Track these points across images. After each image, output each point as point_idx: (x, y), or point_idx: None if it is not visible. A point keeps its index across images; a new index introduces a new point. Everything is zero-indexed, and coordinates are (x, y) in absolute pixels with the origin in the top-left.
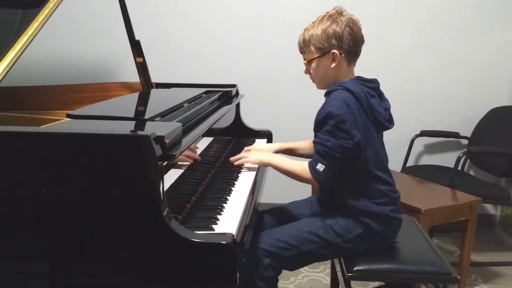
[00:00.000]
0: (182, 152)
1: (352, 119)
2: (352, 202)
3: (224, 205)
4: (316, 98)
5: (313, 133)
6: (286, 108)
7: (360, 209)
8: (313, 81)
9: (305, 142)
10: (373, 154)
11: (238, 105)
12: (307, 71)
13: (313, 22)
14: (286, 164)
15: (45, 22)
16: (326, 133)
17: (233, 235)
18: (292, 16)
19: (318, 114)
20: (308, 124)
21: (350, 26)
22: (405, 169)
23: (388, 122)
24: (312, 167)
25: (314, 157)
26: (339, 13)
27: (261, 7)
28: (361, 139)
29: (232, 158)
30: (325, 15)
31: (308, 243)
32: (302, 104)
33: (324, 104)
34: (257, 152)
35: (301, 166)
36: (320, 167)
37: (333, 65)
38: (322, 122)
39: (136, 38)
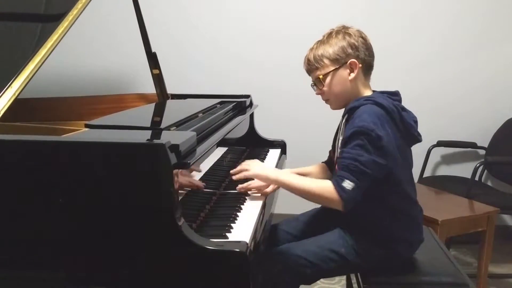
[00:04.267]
0: (197, 160)
1: (387, 136)
2: (377, 225)
3: (238, 213)
4: (329, 110)
5: (326, 147)
6: (300, 119)
7: (387, 234)
8: (327, 101)
9: (315, 167)
10: (406, 171)
11: (252, 116)
12: (320, 91)
13: (319, 41)
14: (299, 183)
15: (63, 35)
16: (358, 147)
17: (247, 243)
18: (306, 30)
19: (347, 131)
20: (321, 136)
21: (362, 37)
22: (422, 180)
23: (418, 135)
24: (337, 184)
25: (340, 173)
26: (346, 27)
27: (276, 21)
28: (397, 158)
29: (232, 171)
30: (331, 32)
31: (328, 261)
32: (316, 115)
33: (351, 120)
34: (260, 165)
35: (321, 184)
36: (348, 184)
37: (352, 76)
38: (352, 137)
39: (153, 51)
